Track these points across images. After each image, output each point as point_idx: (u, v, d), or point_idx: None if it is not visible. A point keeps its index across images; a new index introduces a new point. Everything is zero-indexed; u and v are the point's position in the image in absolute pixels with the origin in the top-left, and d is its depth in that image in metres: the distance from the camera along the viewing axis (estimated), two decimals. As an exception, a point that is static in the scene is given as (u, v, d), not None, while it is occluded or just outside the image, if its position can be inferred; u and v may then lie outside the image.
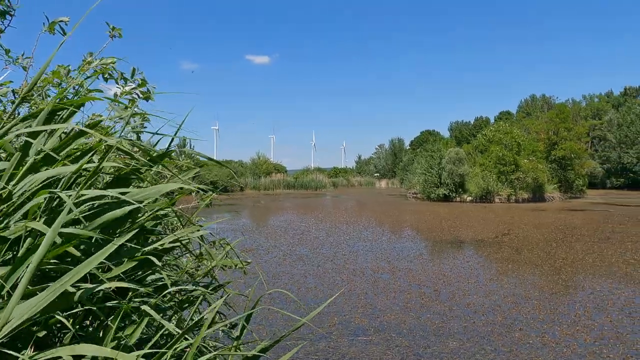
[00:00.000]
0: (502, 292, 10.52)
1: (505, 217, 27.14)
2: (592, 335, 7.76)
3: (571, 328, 8.09)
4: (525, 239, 18.35)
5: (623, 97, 74.83)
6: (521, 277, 11.93)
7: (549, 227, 22.30)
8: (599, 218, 26.13)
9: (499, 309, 9.20)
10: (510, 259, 14.40)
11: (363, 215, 29.76)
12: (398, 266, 13.37)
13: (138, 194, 1.69)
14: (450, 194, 40.57)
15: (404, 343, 7.43)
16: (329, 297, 10.03)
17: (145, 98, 2.62)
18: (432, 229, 22.21)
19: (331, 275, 12.27)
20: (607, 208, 32.59)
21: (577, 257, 14.46)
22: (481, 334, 7.81)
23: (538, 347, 7.25)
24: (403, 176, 59.80)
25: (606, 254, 14.91)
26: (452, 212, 30.76)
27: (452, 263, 13.90)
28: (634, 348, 7.18)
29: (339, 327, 8.15)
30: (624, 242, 17.18)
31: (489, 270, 12.94)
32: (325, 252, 15.65)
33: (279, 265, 13.47)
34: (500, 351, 7.08)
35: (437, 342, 7.48)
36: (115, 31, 2.40)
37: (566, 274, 12.37)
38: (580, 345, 7.29)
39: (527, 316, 8.75)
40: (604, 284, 11.21)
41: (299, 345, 7.14)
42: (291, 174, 71.04)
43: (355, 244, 17.58)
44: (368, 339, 7.61)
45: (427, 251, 16.45)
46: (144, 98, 2.62)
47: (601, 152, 60.19)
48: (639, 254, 14.94)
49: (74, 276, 1.29)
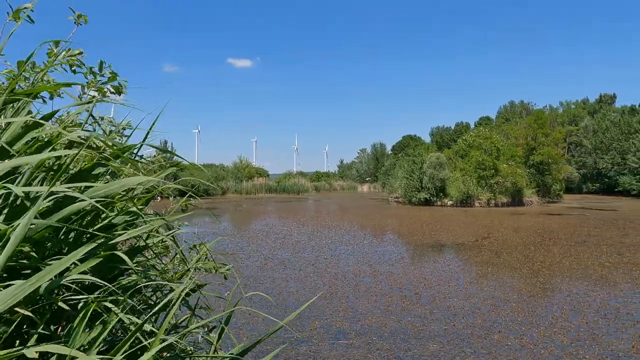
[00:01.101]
0: (482, 294, 10.61)
1: (485, 221, 27.46)
2: (569, 336, 7.87)
3: (549, 330, 8.19)
4: (504, 243, 18.58)
5: (598, 104, 76.66)
6: (500, 280, 12.07)
7: (527, 230, 22.64)
8: (576, 222, 26.63)
9: (478, 312, 9.27)
10: (489, 262, 14.55)
11: (345, 219, 29.78)
12: (379, 270, 13.39)
13: (101, 190, 1.62)
14: (432, 198, 40.91)
15: (384, 346, 7.42)
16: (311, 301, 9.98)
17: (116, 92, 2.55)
18: (413, 232, 22.33)
19: (313, 279, 12.22)
20: (583, 212, 33.26)
21: (554, 260, 14.70)
22: (461, 337, 7.85)
23: (516, 348, 7.32)
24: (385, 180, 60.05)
25: (582, 257, 15.19)
26: (433, 216, 31.00)
27: (433, 266, 13.98)
28: (609, 349, 7.30)
29: (320, 331, 8.10)
30: (600, 246, 17.53)
31: (469, 274, 13.05)
32: (306, 256, 15.59)
33: (261, 270, 13.36)
34: (480, 353, 7.12)
35: (418, 344, 7.49)
36: (81, 18, 2.32)
37: (544, 276, 12.55)
38: (557, 347, 7.39)
39: (506, 318, 8.84)
40: (580, 286, 11.41)
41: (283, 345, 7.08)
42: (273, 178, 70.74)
43: (337, 247, 17.57)
44: (349, 342, 7.59)
45: (408, 255, 16.53)
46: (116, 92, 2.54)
47: (577, 158, 61.42)
48: (614, 257, 15.26)
49: (46, 275, 1.24)
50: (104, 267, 1.82)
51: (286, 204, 46.16)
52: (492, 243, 18.50)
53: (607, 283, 11.75)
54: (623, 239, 19.19)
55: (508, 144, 45.90)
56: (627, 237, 19.76)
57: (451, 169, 42.17)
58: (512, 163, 41.42)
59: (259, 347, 7.14)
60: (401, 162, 49.78)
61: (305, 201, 51.11)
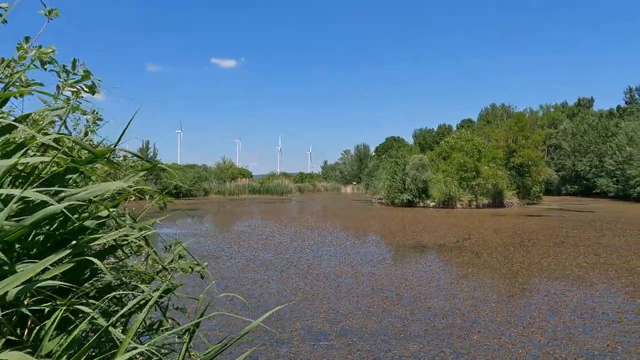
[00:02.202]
0: (462, 295, 10.71)
1: (466, 222, 27.76)
2: (546, 336, 7.99)
3: (526, 329, 8.31)
4: (485, 244, 18.81)
5: (577, 107, 78.31)
6: (480, 281, 12.20)
7: (507, 232, 22.95)
8: (554, 223, 27.11)
9: (458, 312, 9.35)
10: (470, 262, 14.71)
11: (328, 220, 29.80)
12: (361, 271, 13.42)
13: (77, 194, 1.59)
14: (414, 199, 41.21)
15: (365, 347, 7.43)
16: (292, 302, 9.95)
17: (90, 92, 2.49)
18: (395, 233, 22.45)
19: (294, 280, 12.19)
20: (561, 214, 33.87)
21: (533, 261, 14.92)
22: (441, 337, 7.91)
23: (495, 348, 7.41)
24: (368, 182, 60.33)
25: (560, 258, 15.47)
26: (415, 217, 31.22)
27: (415, 267, 14.07)
28: (584, 348, 7.43)
29: (300, 332, 8.08)
30: (577, 247, 17.87)
31: (449, 274, 13.17)
32: (289, 257, 15.55)
33: (242, 271, 13.27)
34: (459, 353, 7.19)
35: (398, 345, 7.52)
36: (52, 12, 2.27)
37: (523, 277, 12.73)
38: (535, 346, 7.50)
39: (486, 319, 8.94)
40: (558, 286, 11.60)
41: (254, 347, 7.03)
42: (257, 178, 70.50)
43: (320, 249, 17.56)
44: (330, 343, 7.58)
45: (390, 256, 16.61)
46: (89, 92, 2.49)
47: (556, 160, 62.56)
48: (591, 257, 15.57)
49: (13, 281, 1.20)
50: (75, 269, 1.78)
51: (269, 205, 46.00)
52: (472, 244, 18.71)
53: (584, 283, 11.98)
54: (600, 240, 19.59)
55: (489, 146, 46.52)
56: (603, 238, 20.19)
57: (433, 170, 42.57)
58: (493, 165, 42.00)
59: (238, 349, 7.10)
60: (384, 163, 50.11)
61: (289, 202, 51.00)
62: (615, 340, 7.78)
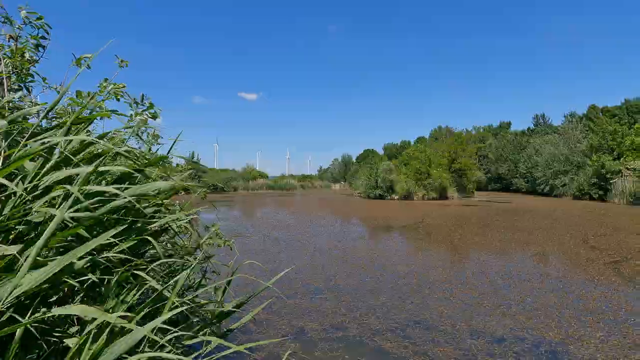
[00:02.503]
0: (418, 262, 10.72)
1: (421, 210, 27.81)
2: (477, 291, 8.01)
3: (463, 287, 8.32)
4: (434, 226, 18.84)
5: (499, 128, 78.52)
6: (430, 252, 12.22)
7: (450, 217, 23.01)
8: (483, 211, 27.20)
9: (415, 274, 9.36)
10: (423, 239, 14.73)
11: (322, 208, 29.76)
12: (346, 244, 13.41)
13: (136, 189, 1.57)
14: (384, 194, 41.26)
15: (348, 299, 7.43)
16: (296, 268, 9.92)
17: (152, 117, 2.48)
18: (370, 218, 22.45)
19: (298, 251, 12.16)
20: (488, 204, 33.98)
21: (468, 238, 14.97)
22: (402, 291, 7.91)
23: (441, 299, 7.42)
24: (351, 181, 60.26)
25: (487, 236, 15.52)
26: (384, 207, 31.25)
27: (384, 242, 14.07)
28: (505, 299, 7.46)
29: (302, 289, 8.06)
30: (499, 228, 17.94)
31: (409, 247, 13.18)
32: (293, 235, 15.52)
33: (260, 245, 13.23)
34: (415, 303, 7.19)
35: (372, 297, 7.52)
36: (123, 63, 2.27)
37: (461, 249, 12.76)
38: (469, 298, 7.51)
39: (434, 279, 8.95)
40: (486, 256, 11.64)
41: (269, 300, 7.01)
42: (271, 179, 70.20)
43: (316, 229, 17.53)
44: (323, 296, 7.56)
45: (367, 234, 16.60)
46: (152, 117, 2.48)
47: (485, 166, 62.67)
48: (509, 235, 15.63)
49: (79, 250, 1.18)
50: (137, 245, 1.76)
51: (280, 197, 45.89)
52: (425, 226, 18.74)
53: (504, 254, 12.02)
54: (515, 223, 19.68)
55: (437, 155, 46.54)
56: (518, 222, 20.28)
57: (397, 173, 42.61)
58: (440, 169, 42.10)
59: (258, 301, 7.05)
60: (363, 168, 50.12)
61: (294, 196, 50.89)
62: (526, 294, 7.82)
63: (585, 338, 5.69)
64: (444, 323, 6.24)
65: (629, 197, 32.45)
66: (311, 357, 5.07)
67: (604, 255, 11.59)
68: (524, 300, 7.40)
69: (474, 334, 5.81)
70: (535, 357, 5.10)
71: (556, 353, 5.23)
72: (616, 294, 7.74)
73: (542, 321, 6.31)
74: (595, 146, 39.01)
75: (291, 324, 6.19)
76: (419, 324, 6.19)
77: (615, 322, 6.30)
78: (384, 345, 5.44)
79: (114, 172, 1.70)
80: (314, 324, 6.17)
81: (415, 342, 5.53)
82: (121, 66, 2.24)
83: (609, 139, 38.14)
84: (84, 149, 1.63)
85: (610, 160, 36.04)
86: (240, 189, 60.41)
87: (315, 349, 5.32)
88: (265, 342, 5.36)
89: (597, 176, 36.49)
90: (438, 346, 5.42)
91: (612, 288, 8.17)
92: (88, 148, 1.65)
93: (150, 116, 2.49)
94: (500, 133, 71.25)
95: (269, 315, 6.52)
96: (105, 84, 2.15)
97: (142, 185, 1.61)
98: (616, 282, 8.59)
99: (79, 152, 1.64)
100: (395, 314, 6.63)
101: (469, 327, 6.06)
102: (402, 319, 6.41)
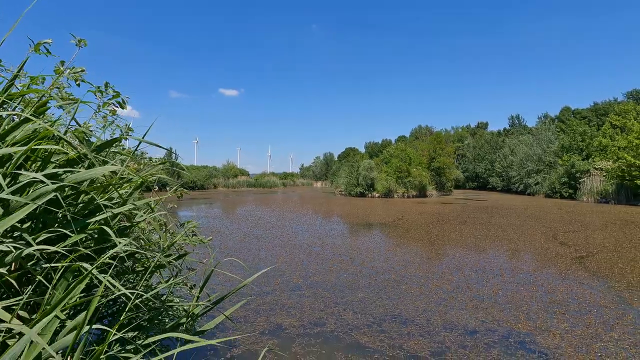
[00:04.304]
0: (396, 258, 10.89)
1: (400, 208, 28.21)
2: (452, 285, 8.22)
3: (439, 281, 8.52)
4: (412, 222, 19.16)
5: (477, 128, 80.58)
6: (409, 248, 12.43)
7: (428, 214, 23.45)
8: (460, 208, 27.85)
9: (393, 270, 9.50)
10: (402, 235, 14.96)
11: (303, 206, 29.73)
12: (326, 242, 13.46)
13: (78, 176, 1.51)
14: (365, 191, 41.62)
15: (327, 295, 7.47)
16: (276, 265, 9.89)
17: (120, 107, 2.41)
18: (350, 215, 22.60)
19: (278, 249, 12.12)
20: (465, 202, 34.83)
21: (445, 234, 15.30)
22: (380, 287, 8.03)
23: (417, 294, 7.57)
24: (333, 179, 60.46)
25: (463, 232, 15.91)
26: (365, 204, 31.52)
27: (364, 239, 14.20)
28: (477, 293, 7.69)
29: (281, 286, 8.05)
30: (475, 225, 18.43)
31: (387, 244, 13.36)
32: (274, 233, 15.45)
33: (240, 242, 13.11)
34: (392, 298, 7.31)
35: (350, 293, 7.59)
36: (81, 42, 2.19)
37: (438, 245, 13.04)
38: (444, 292, 7.70)
39: (411, 275, 9.11)
40: (461, 252, 11.94)
41: (248, 297, 6.97)
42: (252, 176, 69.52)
43: (297, 226, 17.51)
44: (302, 293, 7.58)
45: (347, 231, 16.71)
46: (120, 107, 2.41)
47: (463, 165, 64.25)
48: (483, 232, 16.09)
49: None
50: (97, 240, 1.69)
51: (261, 195, 45.53)
52: (404, 223, 19.04)
53: (478, 250, 12.36)
54: (490, 220, 20.27)
55: (417, 154, 47.36)
56: (493, 219, 20.90)
57: (378, 171, 43.07)
58: (419, 168, 42.86)
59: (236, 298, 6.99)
60: (344, 166, 50.30)
61: (276, 194, 50.58)
62: (498, 288, 8.08)
63: (552, 329, 5.96)
64: (419, 317, 6.38)
65: (597, 196, 34.09)
66: (288, 353, 5.08)
67: (572, 250, 12.12)
68: (496, 294, 7.65)
69: (448, 327, 5.98)
70: (505, 348, 5.30)
71: (524, 343, 5.45)
72: (581, 288, 8.13)
73: (512, 314, 6.56)
74: (566, 147, 40.64)
75: (269, 320, 6.18)
76: (395, 319, 6.30)
77: (580, 313, 6.62)
78: (360, 340, 5.51)
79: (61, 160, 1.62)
80: (292, 320, 6.18)
81: (391, 336, 5.64)
82: (79, 46, 2.15)
83: (579, 139, 39.83)
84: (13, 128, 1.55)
85: (579, 160, 37.67)
86: (220, 186, 59.57)
87: (293, 345, 5.34)
88: (239, 336, 5.33)
89: (567, 175, 38.09)
90: (412, 339, 5.55)
91: (578, 282, 8.57)
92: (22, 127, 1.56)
93: (119, 105, 2.42)
94: (477, 133, 73.14)
95: (247, 312, 6.49)
96: (62, 68, 2.05)
97: (83, 172, 1.54)
98: (582, 276, 9.02)
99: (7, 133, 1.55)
100: (372, 309, 6.72)
101: (443, 321, 6.23)
102: (379, 313, 6.51)
